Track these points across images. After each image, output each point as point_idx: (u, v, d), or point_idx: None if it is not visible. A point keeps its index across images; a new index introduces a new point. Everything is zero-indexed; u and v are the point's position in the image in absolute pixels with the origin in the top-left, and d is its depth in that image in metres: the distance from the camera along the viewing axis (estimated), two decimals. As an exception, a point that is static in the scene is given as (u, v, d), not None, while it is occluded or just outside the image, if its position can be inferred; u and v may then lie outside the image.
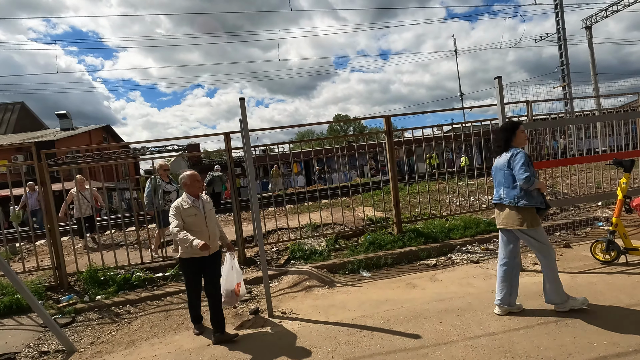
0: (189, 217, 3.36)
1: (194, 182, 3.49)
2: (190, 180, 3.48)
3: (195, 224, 3.38)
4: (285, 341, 3.27)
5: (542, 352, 2.65)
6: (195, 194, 3.49)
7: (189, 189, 3.48)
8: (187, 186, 3.47)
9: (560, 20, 18.40)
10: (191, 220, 3.37)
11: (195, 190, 3.50)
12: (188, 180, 3.48)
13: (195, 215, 3.39)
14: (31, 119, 30.06)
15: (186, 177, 3.49)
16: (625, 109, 7.41)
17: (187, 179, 3.48)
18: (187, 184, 3.47)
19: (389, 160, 5.95)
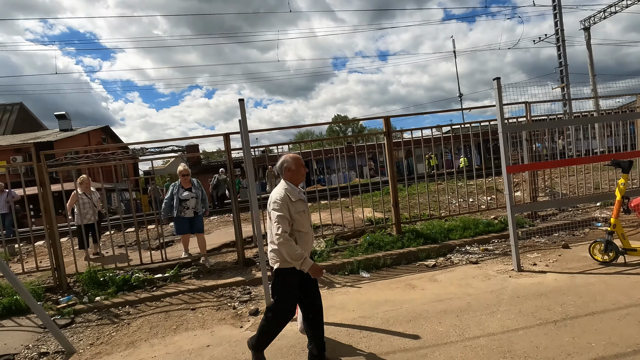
0: (298, 214, 2.57)
1: (299, 168, 2.69)
2: (295, 164, 2.68)
3: (303, 223, 2.61)
4: (285, 342, 3.27)
5: (541, 353, 2.66)
6: (300, 182, 2.72)
7: (295, 176, 2.68)
8: (292, 172, 2.67)
9: (558, 21, 18.46)
10: (299, 218, 2.58)
11: (301, 179, 2.72)
12: (293, 165, 2.67)
13: (304, 212, 2.64)
14: (30, 119, 30.02)
15: (290, 160, 2.68)
16: (624, 110, 7.44)
17: (291, 163, 2.67)
18: (291, 170, 2.67)
19: (388, 161, 5.96)
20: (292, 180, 2.67)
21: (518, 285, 3.94)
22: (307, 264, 2.49)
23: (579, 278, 3.98)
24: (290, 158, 2.69)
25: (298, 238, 2.56)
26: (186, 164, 5.73)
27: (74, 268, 5.28)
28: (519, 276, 4.22)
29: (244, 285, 4.82)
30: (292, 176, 2.68)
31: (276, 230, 2.45)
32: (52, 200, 5.15)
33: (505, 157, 4.47)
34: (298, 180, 2.71)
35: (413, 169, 17.50)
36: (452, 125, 6.80)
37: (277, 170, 2.73)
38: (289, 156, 2.70)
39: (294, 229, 2.55)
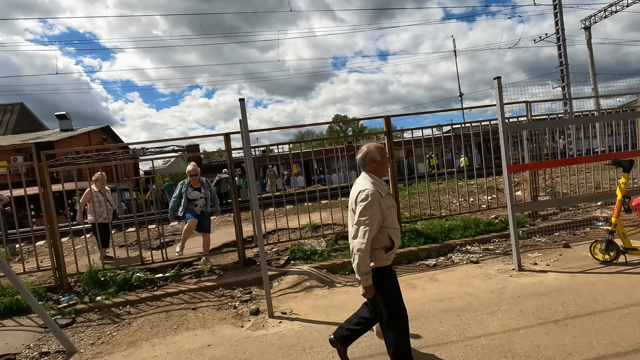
0: (388, 209, 2.30)
1: (384, 158, 2.41)
2: (380, 154, 2.38)
3: (393, 219, 2.35)
4: (285, 341, 3.27)
5: (542, 352, 2.66)
6: (384, 175, 2.47)
7: (380, 167, 2.40)
8: (378, 164, 2.39)
9: (559, 20, 18.44)
10: (389, 214, 2.31)
11: (385, 171, 2.47)
12: (378, 155, 2.38)
13: (393, 207, 2.36)
14: (31, 119, 30.06)
15: (375, 150, 2.38)
16: (624, 109, 7.43)
17: (376, 154, 2.38)
18: (376, 161, 2.38)
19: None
20: (376, 173, 2.39)
21: (519, 285, 3.94)
22: (368, 281, 2.27)
23: (580, 277, 3.97)
24: (375, 148, 2.39)
25: (391, 235, 2.31)
26: (195, 164, 5.65)
27: (75, 268, 5.29)
28: (520, 275, 4.22)
29: (244, 285, 4.83)
30: (377, 168, 2.39)
31: (362, 236, 2.18)
32: (53, 200, 5.15)
33: (506, 157, 4.47)
34: (383, 173, 2.44)
35: (413, 168, 17.47)
36: (453, 124, 6.80)
37: (359, 162, 2.44)
38: (373, 145, 2.41)
39: (385, 225, 2.28)
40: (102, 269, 5.22)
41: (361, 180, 2.39)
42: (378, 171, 2.39)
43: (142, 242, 6.03)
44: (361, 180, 2.39)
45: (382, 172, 2.43)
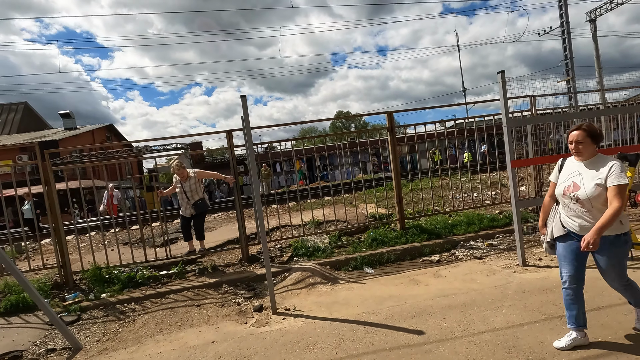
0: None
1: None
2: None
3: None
4: (289, 338, 3.28)
5: (547, 348, 2.64)
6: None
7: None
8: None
9: (564, 13, 18.20)
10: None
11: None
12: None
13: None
14: (35, 118, 30.23)
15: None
16: (630, 102, 7.33)
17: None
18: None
19: (391, 157, 5.94)
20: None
21: (523, 280, 3.92)
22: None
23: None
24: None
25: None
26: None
27: (80, 265, 5.32)
28: (524, 271, 4.20)
29: (248, 282, 4.84)
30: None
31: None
32: (57, 199, 5.18)
33: (510, 152, 4.43)
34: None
35: (417, 164, 17.41)
36: (456, 119, 6.74)
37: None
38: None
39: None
40: (106, 266, 5.25)
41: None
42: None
43: (146, 239, 6.05)
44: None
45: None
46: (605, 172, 2.37)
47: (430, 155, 15.23)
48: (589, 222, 2.42)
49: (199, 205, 5.53)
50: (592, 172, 2.43)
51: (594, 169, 2.43)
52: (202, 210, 5.62)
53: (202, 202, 5.55)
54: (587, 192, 2.39)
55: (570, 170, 2.58)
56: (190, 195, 5.49)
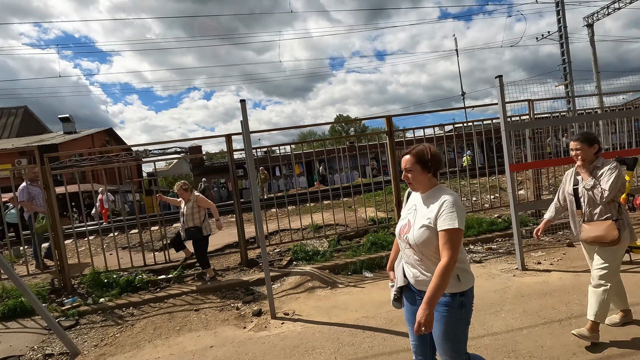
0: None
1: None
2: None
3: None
4: (288, 342, 3.27)
5: (546, 352, 2.64)
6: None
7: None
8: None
9: (561, 18, 18.34)
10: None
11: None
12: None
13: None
14: (34, 122, 30.25)
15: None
16: (628, 106, 7.37)
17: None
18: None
19: (390, 161, 5.95)
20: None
21: (522, 284, 3.92)
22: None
23: (584, 277, 3.94)
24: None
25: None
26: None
27: (78, 270, 5.31)
28: (523, 275, 4.20)
29: (247, 286, 4.83)
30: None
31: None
32: (56, 203, 5.18)
33: (509, 156, 4.44)
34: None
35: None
36: (455, 123, 6.77)
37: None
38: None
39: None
40: (105, 270, 5.24)
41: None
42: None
43: (144, 243, 6.04)
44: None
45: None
46: (435, 210, 1.79)
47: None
48: (424, 276, 1.85)
49: (190, 233, 5.04)
50: (424, 209, 1.86)
51: (427, 205, 1.86)
52: (193, 238, 5.04)
53: (195, 230, 5.01)
54: (415, 236, 1.82)
55: (410, 204, 2.00)
56: (185, 219, 5.06)
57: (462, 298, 1.82)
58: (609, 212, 2.68)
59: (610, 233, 2.58)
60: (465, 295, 1.84)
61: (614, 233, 2.57)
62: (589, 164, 2.75)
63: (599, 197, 2.64)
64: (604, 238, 2.60)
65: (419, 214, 1.86)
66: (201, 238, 5.03)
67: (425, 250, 1.81)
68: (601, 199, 2.63)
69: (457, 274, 1.79)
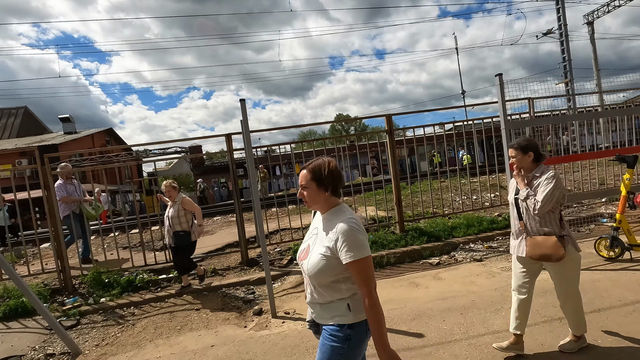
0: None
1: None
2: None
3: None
4: (289, 341, 3.27)
5: (547, 350, 2.64)
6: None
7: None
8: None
9: (562, 16, 18.31)
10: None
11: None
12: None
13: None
14: (35, 123, 30.26)
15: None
16: (629, 104, 7.36)
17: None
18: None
19: (390, 159, 5.95)
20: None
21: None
22: None
23: (585, 275, 3.92)
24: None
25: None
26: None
27: (79, 270, 5.31)
28: (524, 273, 4.19)
29: (247, 285, 4.83)
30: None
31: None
32: (57, 203, 5.18)
33: (509, 154, 4.43)
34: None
35: (416, 166, 17.37)
36: (455, 122, 6.78)
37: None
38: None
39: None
40: (105, 270, 5.24)
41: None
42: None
43: (145, 243, 6.05)
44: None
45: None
46: (333, 239, 1.53)
47: (428, 157, 15.25)
48: (320, 308, 1.64)
49: (179, 237, 4.63)
50: (323, 235, 1.61)
51: (326, 231, 1.60)
52: (181, 244, 4.65)
53: (184, 234, 4.64)
54: (309, 265, 1.59)
55: (313, 225, 1.76)
56: (171, 222, 4.63)
57: (349, 331, 1.56)
58: (548, 225, 2.49)
59: (556, 252, 2.39)
60: (353, 329, 1.57)
61: (560, 252, 2.38)
62: (528, 172, 2.57)
63: (532, 209, 2.47)
64: (550, 257, 2.42)
65: (319, 239, 1.63)
66: (190, 244, 4.71)
67: (319, 282, 1.58)
68: (533, 210, 2.46)
69: (348, 302, 1.56)
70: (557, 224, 2.50)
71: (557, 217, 2.51)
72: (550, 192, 2.40)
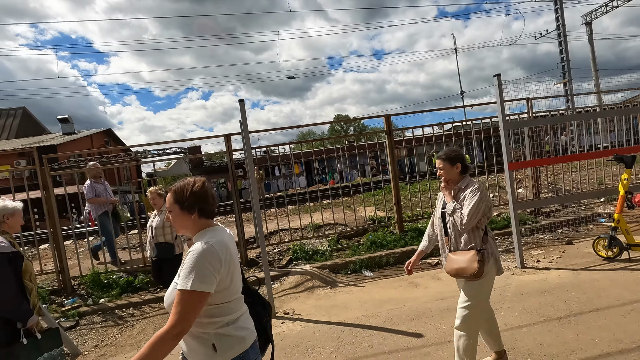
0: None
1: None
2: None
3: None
4: (288, 341, 3.27)
5: (545, 350, 2.65)
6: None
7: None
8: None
9: (560, 16, 18.35)
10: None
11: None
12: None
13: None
14: (33, 123, 30.21)
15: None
16: (627, 104, 7.38)
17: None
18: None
19: (389, 160, 5.96)
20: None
21: (521, 282, 3.93)
22: None
23: (583, 274, 3.96)
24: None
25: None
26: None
27: (78, 271, 5.31)
28: (522, 273, 4.21)
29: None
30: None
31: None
32: (56, 204, 5.17)
33: (507, 154, 4.45)
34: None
35: (415, 167, 17.39)
36: (454, 122, 6.79)
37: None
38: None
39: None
40: (105, 271, 5.24)
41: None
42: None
43: (144, 244, 6.04)
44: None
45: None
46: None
47: (427, 158, 15.27)
48: (186, 346, 1.57)
49: (162, 249, 4.02)
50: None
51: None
52: (164, 257, 4.02)
53: (167, 247, 4.04)
54: (166, 296, 1.51)
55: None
56: (154, 233, 4.05)
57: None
58: (473, 240, 2.32)
59: (470, 265, 2.22)
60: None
61: (474, 266, 2.21)
62: (454, 184, 2.41)
63: (458, 223, 2.31)
64: (465, 271, 2.25)
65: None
66: (172, 257, 4.04)
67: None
68: (460, 225, 2.30)
69: (212, 342, 1.41)
70: (480, 239, 2.33)
71: (482, 232, 2.34)
72: (476, 205, 2.23)
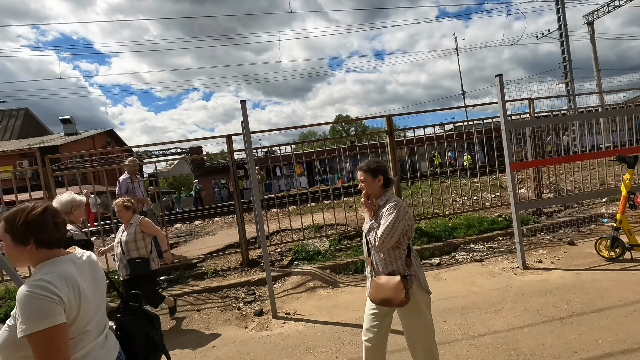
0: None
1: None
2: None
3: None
4: (290, 342, 3.28)
5: (547, 350, 2.64)
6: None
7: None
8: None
9: (562, 16, 18.31)
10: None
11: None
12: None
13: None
14: (35, 124, 30.32)
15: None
16: (629, 104, 7.36)
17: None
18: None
19: (391, 160, 5.95)
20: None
21: (523, 283, 3.92)
22: None
23: (585, 275, 3.94)
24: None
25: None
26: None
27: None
28: (524, 273, 4.20)
29: (248, 286, 4.84)
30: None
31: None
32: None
33: (509, 154, 4.45)
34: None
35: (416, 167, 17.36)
36: (455, 122, 6.78)
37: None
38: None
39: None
40: (106, 271, 5.25)
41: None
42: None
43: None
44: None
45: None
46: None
47: (429, 158, 15.25)
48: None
49: (135, 265, 3.69)
50: None
51: None
52: (138, 273, 3.70)
53: (141, 262, 3.72)
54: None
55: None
56: (126, 248, 3.72)
57: None
58: (394, 262, 2.11)
59: (397, 296, 2.00)
60: None
61: (401, 296, 1.98)
62: (376, 198, 2.19)
63: (372, 244, 2.12)
64: (391, 302, 2.02)
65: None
66: (147, 274, 3.75)
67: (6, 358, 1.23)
68: (374, 247, 2.10)
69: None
70: (402, 262, 2.10)
71: (404, 253, 2.12)
72: (391, 225, 2.01)
